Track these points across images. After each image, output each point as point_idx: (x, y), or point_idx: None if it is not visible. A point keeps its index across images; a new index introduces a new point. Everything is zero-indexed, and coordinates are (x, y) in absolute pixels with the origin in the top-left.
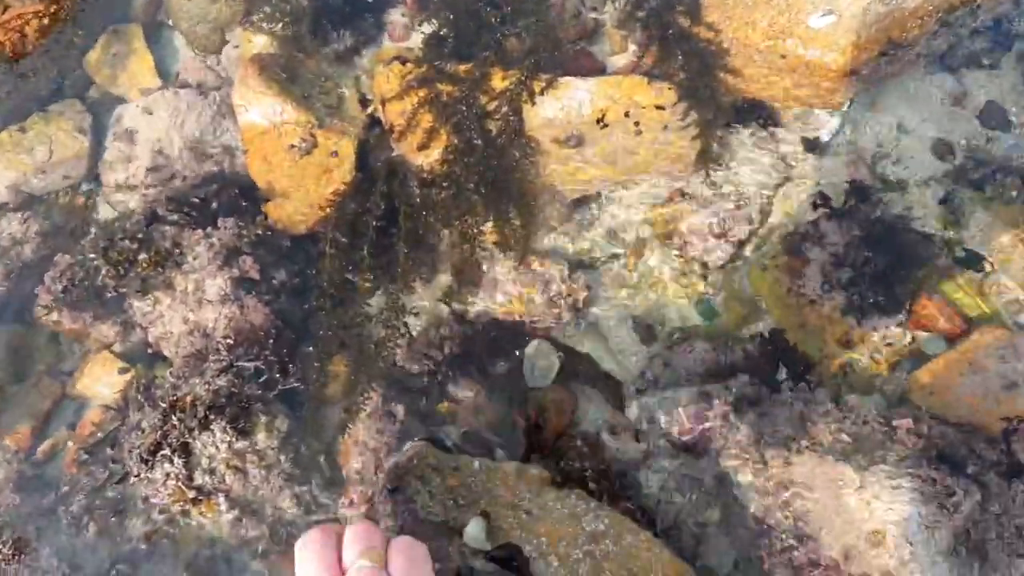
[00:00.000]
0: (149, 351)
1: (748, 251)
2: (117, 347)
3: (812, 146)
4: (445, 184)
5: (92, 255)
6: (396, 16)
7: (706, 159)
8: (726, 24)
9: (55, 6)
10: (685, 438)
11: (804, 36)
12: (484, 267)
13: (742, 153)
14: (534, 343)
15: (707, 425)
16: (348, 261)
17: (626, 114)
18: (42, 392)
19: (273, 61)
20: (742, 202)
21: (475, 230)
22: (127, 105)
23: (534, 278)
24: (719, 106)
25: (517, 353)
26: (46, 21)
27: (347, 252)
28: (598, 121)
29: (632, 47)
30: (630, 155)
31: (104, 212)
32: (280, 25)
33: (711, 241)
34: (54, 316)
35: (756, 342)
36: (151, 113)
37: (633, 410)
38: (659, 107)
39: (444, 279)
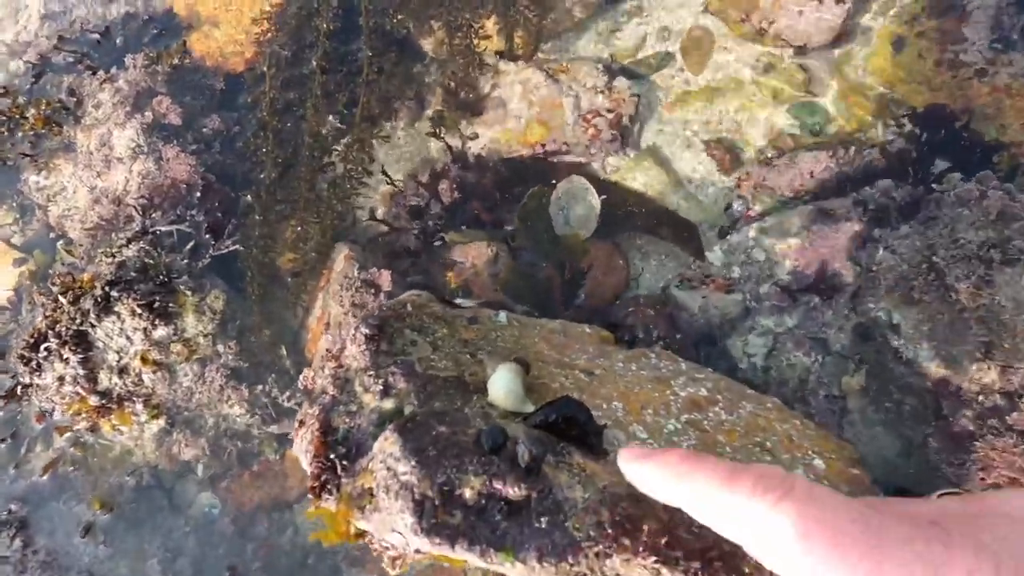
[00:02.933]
0: (52, 235)
1: (867, 19)
2: (16, 239)
3: None
4: None
5: None
6: None
7: None
8: None
9: None
10: (801, 278)
11: None
12: (487, 85)
13: None
14: (565, 182)
15: (833, 254)
16: (294, 82)
17: None
18: None
19: None
20: None
21: (468, 26)
22: None
23: (558, 91)
24: None
25: (542, 198)
26: None
27: (292, 69)
28: None
29: None
30: None
31: None
32: None
33: (809, 9)
34: None
35: (897, 135)
36: None
37: (717, 254)
38: None
39: (436, 106)
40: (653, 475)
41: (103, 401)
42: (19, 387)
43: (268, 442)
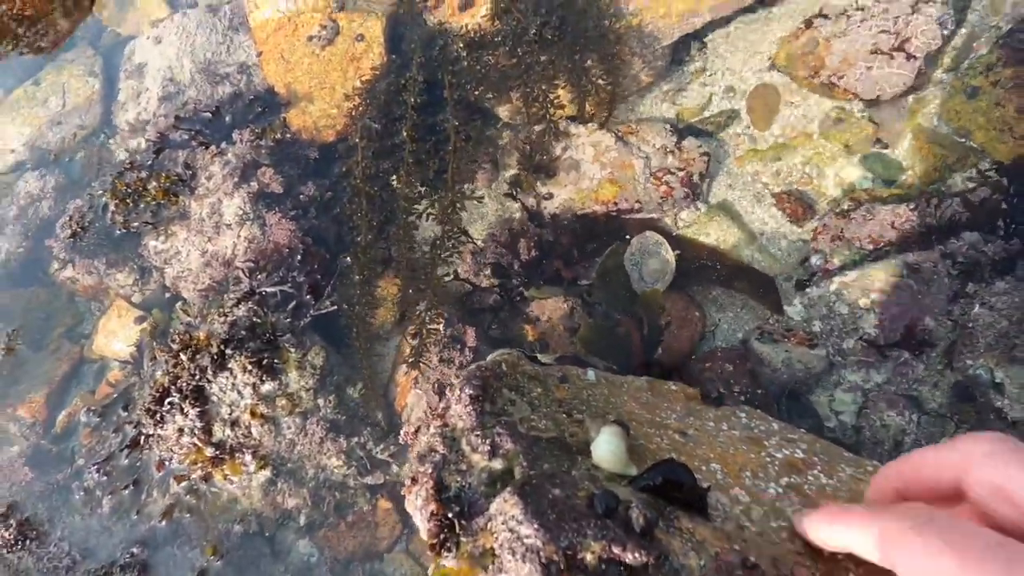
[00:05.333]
0: (168, 295)
1: (939, 73)
2: (136, 297)
3: None
4: (498, 39)
5: (100, 192)
6: None
7: None
8: None
9: None
10: (888, 333)
11: None
12: (560, 148)
13: None
14: (639, 238)
15: (923, 309)
16: (385, 152)
17: None
18: (59, 357)
19: None
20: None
21: (543, 95)
22: (137, 39)
23: (628, 152)
24: None
25: (619, 255)
26: None
27: (382, 140)
28: None
29: None
30: None
31: (119, 154)
32: None
33: (878, 65)
34: (68, 271)
35: (980, 185)
36: (160, 42)
37: (797, 308)
38: None
39: (511, 168)
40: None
41: (217, 452)
42: (142, 437)
43: (362, 492)
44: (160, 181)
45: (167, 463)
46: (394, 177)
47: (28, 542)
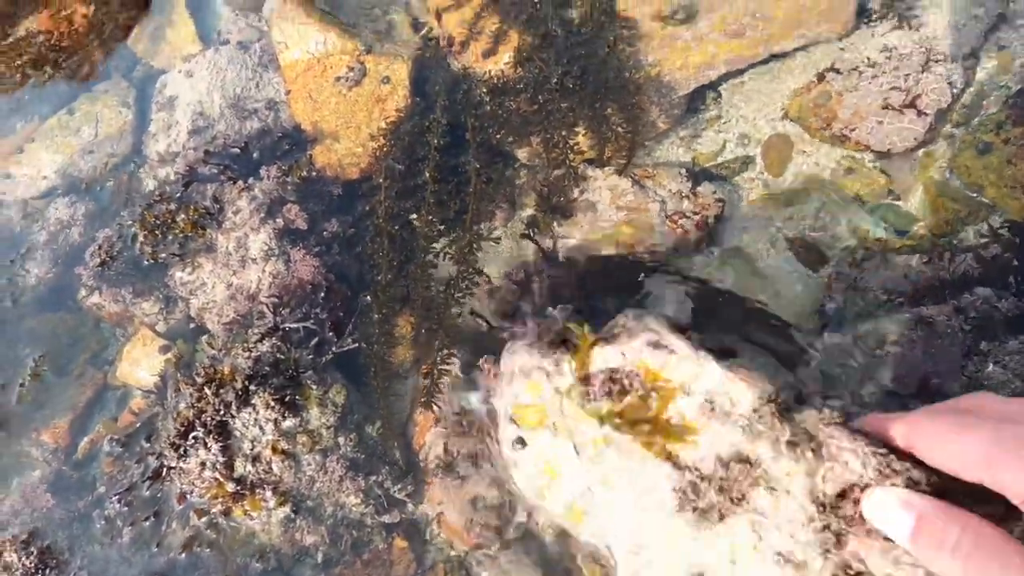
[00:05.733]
0: (192, 326)
1: (949, 128)
2: (160, 327)
3: None
4: (520, 86)
5: (129, 223)
6: None
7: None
8: None
9: None
10: (901, 386)
11: None
12: (578, 189)
13: None
14: (652, 280)
15: (936, 364)
16: (407, 192)
17: None
18: (83, 383)
19: None
20: (934, 58)
21: (563, 141)
22: (169, 73)
23: (644, 196)
24: None
25: (631, 295)
26: (94, 8)
27: (405, 180)
28: None
29: None
30: (763, 20)
31: (148, 184)
32: None
33: (889, 119)
34: (95, 298)
35: (992, 241)
36: (192, 76)
37: (811, 354)
38: None
39: (528, 208)
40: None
41: (238, 487)
42: (164, 469)
43: (378, 531)
44: (189, 214)
45: (188, 496)
46: (415, 216)
47: (48, 571)
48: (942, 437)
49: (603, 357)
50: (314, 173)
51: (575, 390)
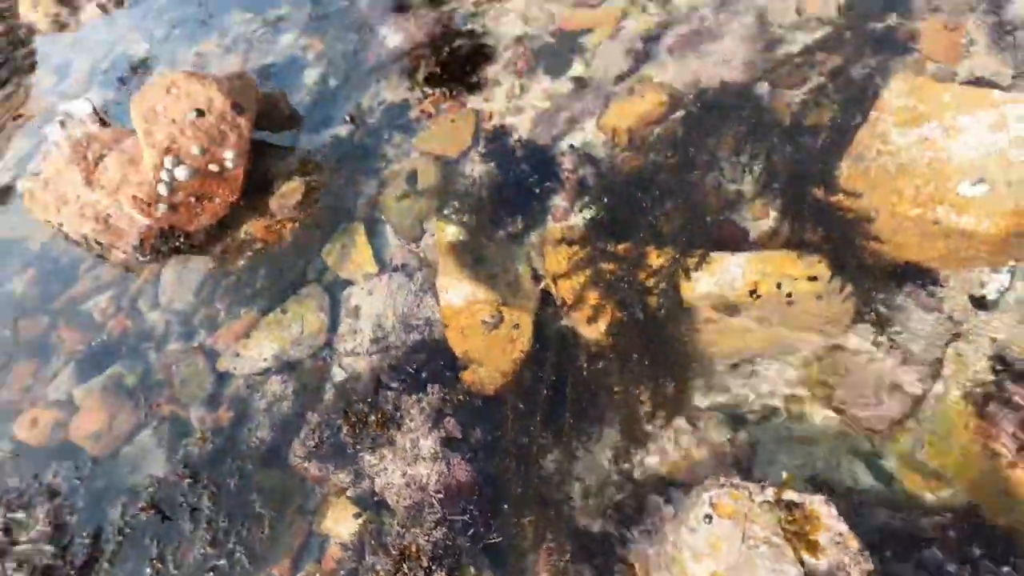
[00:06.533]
0: (375, 498)
1: (924, 413)
2: (350, 492)
3: (980, 304)
4: (611, 356)
5: (334, 415)
6: (558, 201)
7: (864, 320)
8: (869, 192)
9: (303, 214)
10: None
11: (956, 203)
12: (647, 428)
13: (903, 311)
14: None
15: None
16: (525, 426)
17: (778, 286)
18: (295, 529)
19: (464, 248)
20: (908, 358)
21: (637, 398)
22: (353, 287)
23: (697, 438)
24: (873, 274)
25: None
26: (298, 225)
27: (524, 418)
28: (751, 293)
29: (773, 212)
30: (784, 322)
31: (337, 373)
32: (466, 216)
33: (874, 403)
34: (305, 464)
35: (947, 513)
36: (371, 294)
37: None
38: (812, 279)
39: (611, 436)
40: None
41: None
42: None
43: None
44: (378, 416)
45: None
46: (532, 429)
47: None
48: None
49: None
50: (463, 390)
51: None
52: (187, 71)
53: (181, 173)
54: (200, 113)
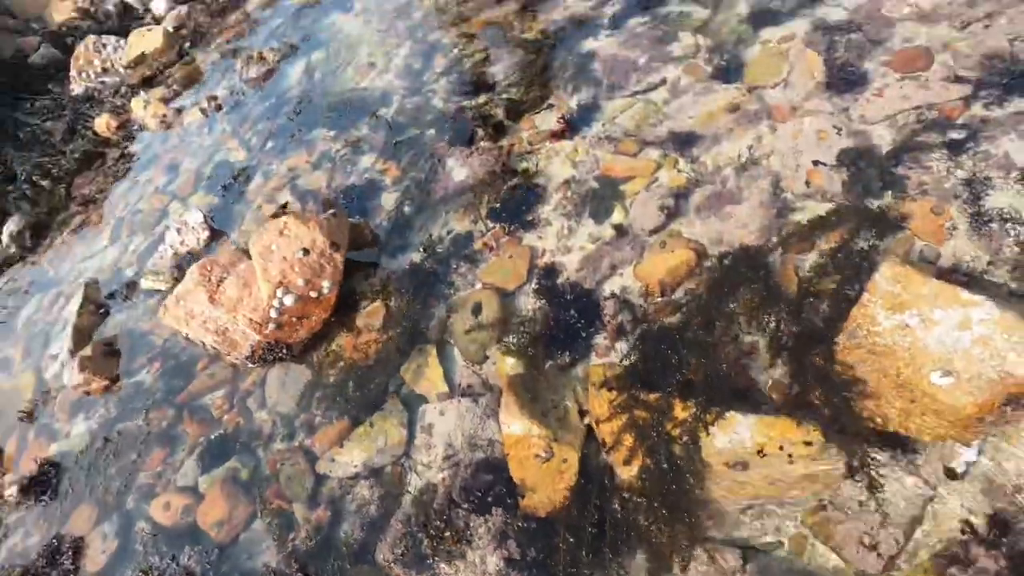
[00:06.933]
0: None
1: (901, 563)
2: None
3: (952, 474)
4: (641, 496)
5: (416, 528)
6: (600, 339)
7: (853, 480)
8: (862, 366)
9: (384, 335)
10: None
11: (927, 390)
12: (671, 561)
13: (886, 475)
14: None
15: None
16: (573, 551)
17: (780, 447)
18: None
19: (521, 383)
20: (888, 518)
21: (662, 536)
22: (428, 405)
23: (714, 569)
24: (862, 439)
25: None
26: (380, 344)
27: (572, 545)
28: (758, 452)
29: (780, 369)
30: (785, 478)
31: (414, 480)
32: (522, 348)
33: (862, 551)
34: (392, 565)
35: None
36: (443, 414)
37: None
38: (808, 443)
39: (642, 563)
40: None
41: None
42: None
43: None
44: (453, 532)
45: None
46: (579, 554)
47: None
48: None
49: None
50: (522, 520)
51: None
52: (295, 213)
53: (288, 300)
54: (306, 252)
